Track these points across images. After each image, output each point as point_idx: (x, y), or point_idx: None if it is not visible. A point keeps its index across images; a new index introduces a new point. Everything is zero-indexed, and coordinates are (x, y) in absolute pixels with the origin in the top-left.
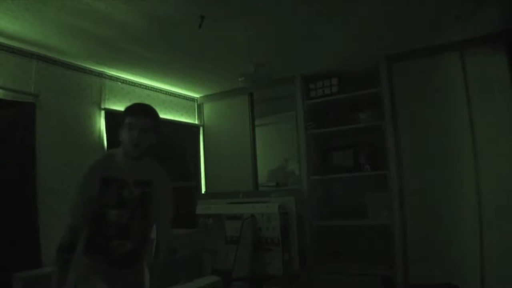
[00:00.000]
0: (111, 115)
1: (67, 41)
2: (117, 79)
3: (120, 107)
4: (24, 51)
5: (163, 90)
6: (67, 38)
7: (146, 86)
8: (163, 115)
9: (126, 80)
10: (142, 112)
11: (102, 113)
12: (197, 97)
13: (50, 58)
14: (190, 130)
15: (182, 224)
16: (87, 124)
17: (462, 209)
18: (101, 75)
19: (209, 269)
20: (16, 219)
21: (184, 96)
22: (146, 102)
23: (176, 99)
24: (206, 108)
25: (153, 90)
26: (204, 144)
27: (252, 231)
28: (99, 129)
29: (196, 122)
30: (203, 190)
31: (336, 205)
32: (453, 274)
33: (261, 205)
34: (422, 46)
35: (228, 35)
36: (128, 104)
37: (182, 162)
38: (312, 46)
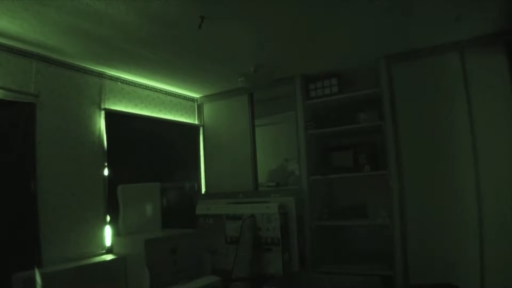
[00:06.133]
0: (111, 115)
1: (67, 41)
2: (117, 79)
3: (120, 107)
4: (24, 51)
5: (163, 90)
6: (67, 38)
7: (146, 86)
8: (163, 115)
9: (126, 80)
10: None
11: (102, 113)
12: (197, 97)
13: (50, 58)
14: (190, 130)
15: (182, 224)
16: (87, 124)
17: (462, 209)
18: (101, 75)
19: (209, 269)
20: (16, 219)
21: (184, 96)
22: (146, 102)
23: (176, 99)
24: (206, 108)
25: (153, 90)
26: (204, 144)
27: (252, 231)
28: (99, 129)
29: (196, 122)
30: (203, 190)
31: (336, 205)
32: (453, 274)
33: (261, 205)
34: (422, 46)
35: (228, 35)
36: (128, 104)
37: (182, 162)
38: (312, 46)
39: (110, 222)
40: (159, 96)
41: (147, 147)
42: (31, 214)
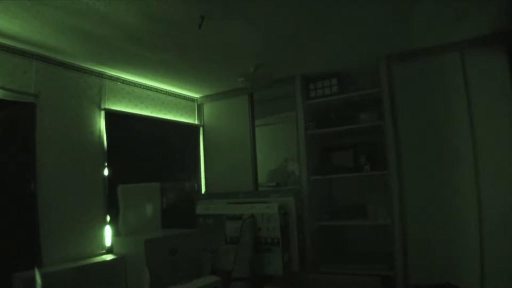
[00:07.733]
0: (111, 115)
1: (67, 41)
2: (117, 79)
3: (120, 107)
4: (24, 51)
5: (163, 90)
6: (67, 38)
7: (146, 86)
8: (163, 115)
9: (126, 80)
10: None
11: (102, 113)
12: (197, 97)
13: (50, 58)
14: (190, 130)
15: (182, 224)
16: (87, 124)
17: (462, 209)
18: (101, 75)
19: (209, 269)
20: (16, 219)
21: (184, 96)
22: (146, 102)
23: (176, 99)
24: (206, 108)
25: (153, 90)
26: (204, 144)
27: (252, 231)
28: (99, 129)
29: (196, 122)
30: (203, 190)
31: (336, 205)
32: (453, 274)
33: (261, 205)
34: (422, 46)
35: (228, 35)
36: (128, 104)
37: (182, 162)
38: (312, 46)
39: (110, 222)
40: (159, 96)
41: (147, 147)
42: (31, 214)
